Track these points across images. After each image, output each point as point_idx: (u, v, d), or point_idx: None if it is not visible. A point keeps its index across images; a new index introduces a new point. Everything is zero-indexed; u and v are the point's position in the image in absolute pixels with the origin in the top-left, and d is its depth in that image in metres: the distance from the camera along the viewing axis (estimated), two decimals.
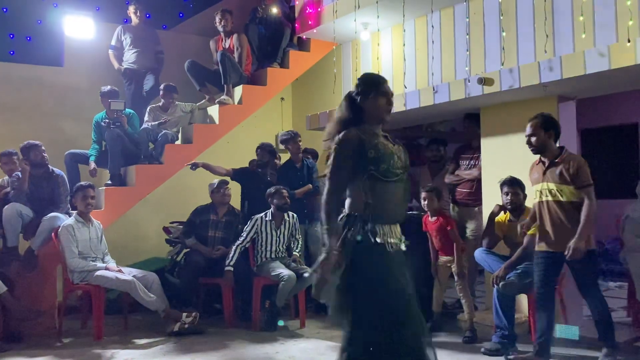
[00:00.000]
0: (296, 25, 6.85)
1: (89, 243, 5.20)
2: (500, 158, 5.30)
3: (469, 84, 5.02)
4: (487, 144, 5.45)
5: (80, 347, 4.75)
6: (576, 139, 5.52)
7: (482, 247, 4.88)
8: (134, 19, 7.09)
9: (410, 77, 5.99)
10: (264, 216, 5.53)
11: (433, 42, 5.79)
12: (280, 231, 5.55)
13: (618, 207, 5.36)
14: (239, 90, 6.71)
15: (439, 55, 5.76)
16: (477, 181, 5.56)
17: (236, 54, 6.70)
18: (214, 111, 6.70)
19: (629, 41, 4.06)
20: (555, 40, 4.81)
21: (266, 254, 5.50)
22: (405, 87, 5.90)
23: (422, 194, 5.00)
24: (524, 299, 4.78)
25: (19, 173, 5.47)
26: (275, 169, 6.19)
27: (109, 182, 6.11)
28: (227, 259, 5.37)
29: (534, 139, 4.01)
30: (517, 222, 4.53)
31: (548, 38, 4.81)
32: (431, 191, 4.97)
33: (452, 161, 5.93)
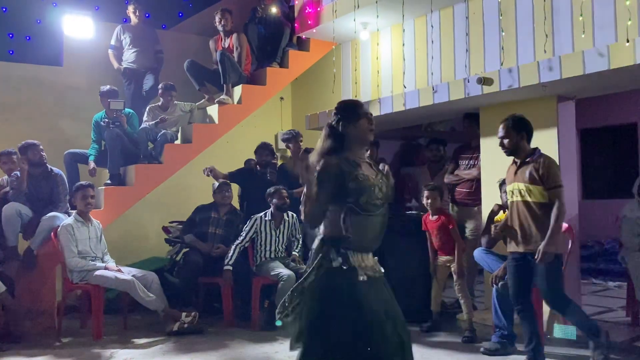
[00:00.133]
0: (296, 25, 6.84)
1: (89, 242, 5.20)
2: (499, 158, 5.24)
3: (468, 83, 5.02)
4: (486, 143, 5.44)
5: (79, 346, 4.75)
6: (575, 139, 5.51)
7: (481, 247, 4.88)
8: (134, 18, 7.09)
9: (410, 77, 5.99)
10: (264, 216, 5.53)
11: (432, 42, 5.78)
12: (279, 231, 5.56)
13: (617, 207, 5.37)
14: (238, 90, 6.71)
15: (438, 55, 5.76)
16: (476, 181, 5.57)
17: (236, 54, 6.71)
18: (213, 111, 6.70)
19: (628, 41, 4.06)
20: (555, 40, 4.81)
21: (265, 253, 5.51)
22: (405, 87, 5.90)
23: (425, 193, 5.00)
24: None
25: (18, 172, 5.47)
26: (275, 168, 6.19)
27: (109, 181, 6.11)
28: (227, 258, 5.38)
29: (506, 140, 4.02)
30: None
31: (547, 38, 4.80)
32: (434, 189, 4.97)
33: (451, 161, 5.93)
